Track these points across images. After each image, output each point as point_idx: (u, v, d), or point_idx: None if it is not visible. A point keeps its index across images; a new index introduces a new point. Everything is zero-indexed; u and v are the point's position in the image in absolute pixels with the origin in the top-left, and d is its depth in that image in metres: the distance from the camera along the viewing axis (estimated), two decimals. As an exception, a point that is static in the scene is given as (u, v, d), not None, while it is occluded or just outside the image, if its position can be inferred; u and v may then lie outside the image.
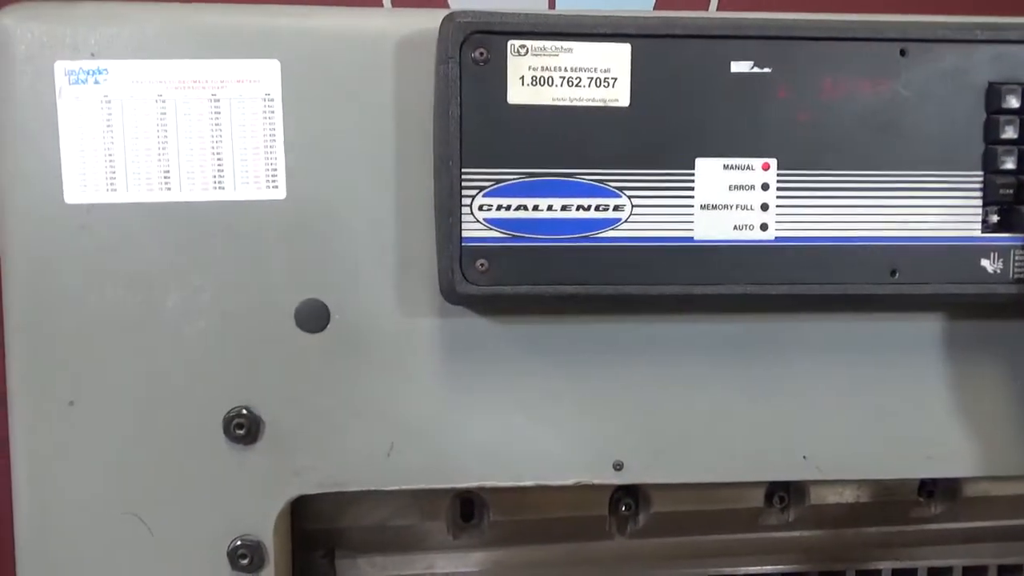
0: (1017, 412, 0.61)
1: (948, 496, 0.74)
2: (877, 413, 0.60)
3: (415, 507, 0.70)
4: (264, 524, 0.57)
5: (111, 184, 0.55)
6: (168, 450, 0.57)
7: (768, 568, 0.78)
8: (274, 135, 0.55)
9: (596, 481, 0.59)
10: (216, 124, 0.55)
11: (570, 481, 0.59)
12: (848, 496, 0.73)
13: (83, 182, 0.54)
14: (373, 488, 0.58)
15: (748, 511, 0.73)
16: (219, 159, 0.55)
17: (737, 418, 0.59)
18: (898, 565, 0.78)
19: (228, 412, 0.56)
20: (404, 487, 0.58)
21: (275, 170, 0.55)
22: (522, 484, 0.59)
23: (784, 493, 0.74)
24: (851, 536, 0.77)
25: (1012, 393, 0.61)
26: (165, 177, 0.55)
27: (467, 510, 0.72)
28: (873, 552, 0.77)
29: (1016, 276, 0.56)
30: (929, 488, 0.74)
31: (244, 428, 0.56)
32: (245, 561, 0.57)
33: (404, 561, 0.74)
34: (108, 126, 0.54)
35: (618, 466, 0.59)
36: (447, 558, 0.74)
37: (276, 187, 0.55)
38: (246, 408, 0.56)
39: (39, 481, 0.57)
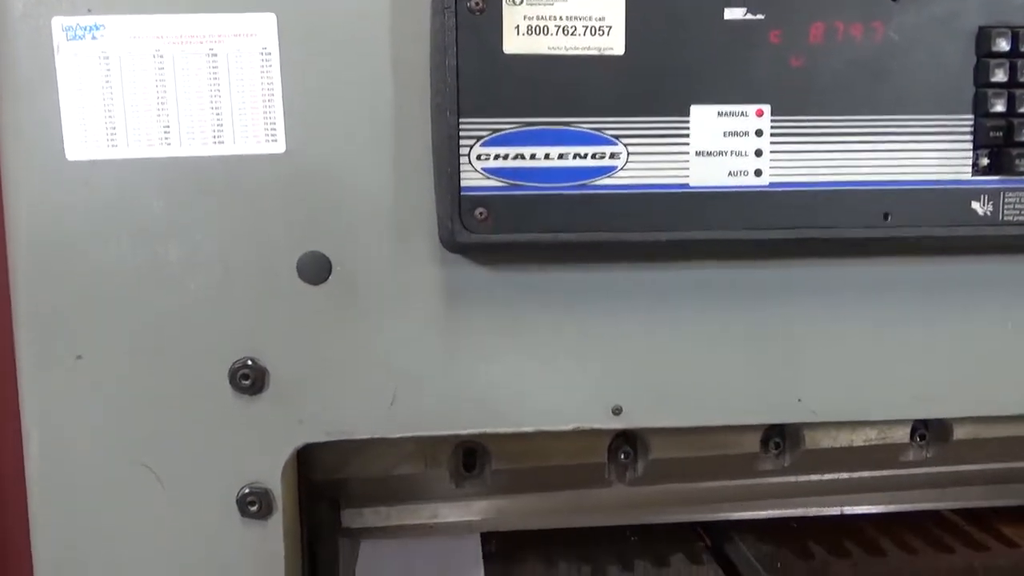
0: (1008, 353, 0.62)
1: (940, 439, 0.76)
2: (871, 356, 0.61)
3: (418, 457, 0.71)
4: (272, 472, 0.59)
5: (112, 140, 0.55)
6: (175, 401, 0.58)
7: (763, 513, 0.80)
8: (272, 89, 0.55)
9: (595, 426, 0.60)
10: (214, 79, 0.55)
11: (570, 426, 0.60)
12: (842, 440, 0.75)
13: (84, 138, 0.55)
14: (377, 436, 0.59)
15: (744, 457, 0.75)
16: (218, 114, 0.55)
17: (733, 362, 0.60)
18: (890, 509, 0.80)
19: (234, 363, 0.57)
20: (407, 434, 0.60)
21: (274, 124, 0.56)
22: (522, 430, 0.60)
23: (779, 439, 0.75)
24: (845, 480, 0.79)
25: (1003, 334, 0.62)
26: (165, 132, 0.55)
27: (469, 460, 0.74)
28: (866, 496, 0.79)
29: (1006, 218, 0.57)
30: (921, 432, 0.76)
31: (250, 379, 0.57)
32: (254, 508, 0.59)
33: (407, 510, 0.75)
34: (107, 82, 0.55)
35: (617, 411, 0.60)
36: (450, 507, 0.76)
37: (275, 141, 0.56)
38: (251, 359, 0.57)
39: (49, 434, 0.58)
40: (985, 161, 0.56)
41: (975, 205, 0.57)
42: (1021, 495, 0.82)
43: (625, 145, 0.54)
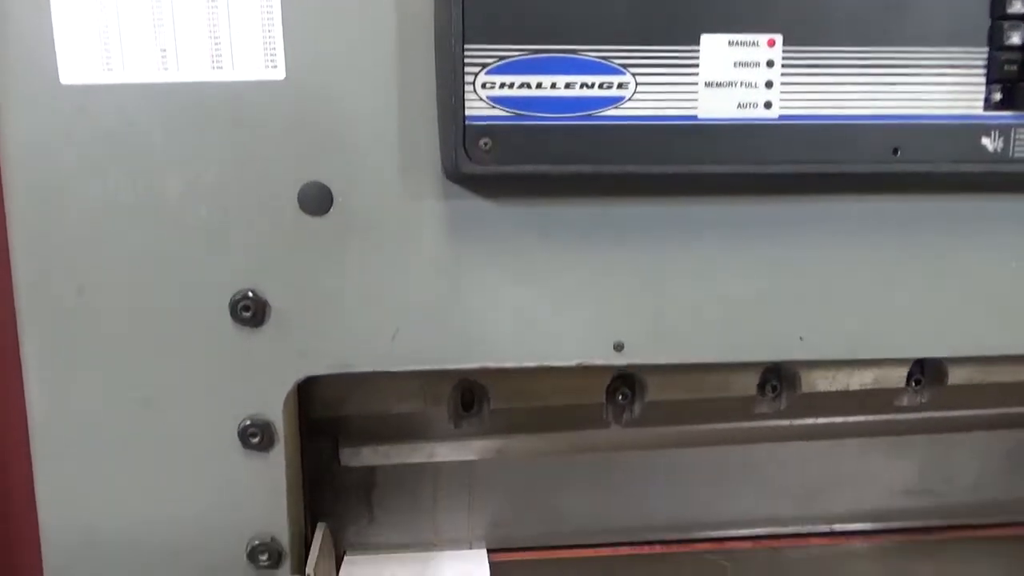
0: (1013, 292, 0.62)
1: (935, 383, 0.76)
2: (875, 294, 0.61)
3: (417, 396, 0.71)
4: (273, 404, 0.59)
5: (107, 64, 0.54)
6: (176, 334, 0.57)
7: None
8: (271, 13, 0.54)
9: (597, 362, 0.60)
10: (212, 1, 0.54)
11: (572, 362, 0.60)
12: (838, 384, 0.75)
13: (78, 62, 0.53)
14: (378, 370, 0.59)
15: (741, 400, 0.75)
16: (216, 38, 0.54)
17: (736, 299, 0.60)
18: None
19: (234, 295, 0.57)
20: (409, 368, 0.59)
21: (274, 49, 0.54)
22: (524, 365, 0.60)
23: (776, 382, 0.75)
24: (840, 424, 0.79)
25: (1009, 273, 0.62)
26: (162, 56, 0.54)
27: (467, 399, 0.74)
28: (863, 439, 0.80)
29: (1016, 155, 0.56)
30: (917, 376, 0.76)
31: (250, 311, 0.57)
32: (256, 440, 0.59)
33: (406, 449, 0.76)
34: (101, 1, 0.53)
35: (619, 347, 0.60)
36: (448, 446, 0.76)
37: (275, 67, 0.54)
38: (252, 291, 0.57)
39: (50, 370, 0.57)
40: (998, 96, 0.55)
41: (985, 141, 0.56)
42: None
43: (633, 75, 0.53)
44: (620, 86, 0.53)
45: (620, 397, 0.74)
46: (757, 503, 0.80)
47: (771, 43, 0.54)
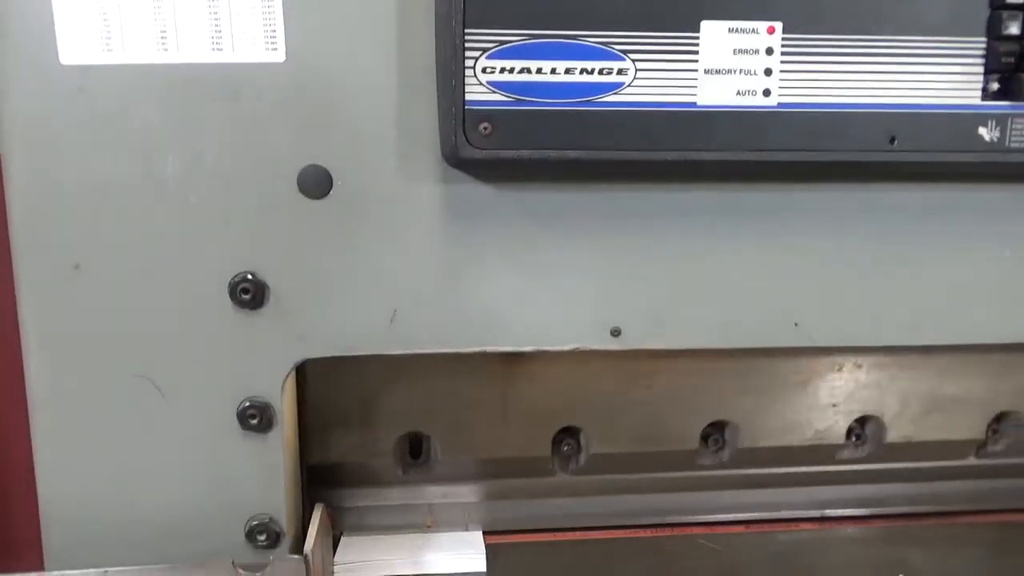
0: (1005, 281, 0.62)
1: (875, 440, 0.79)
2: (869, 281, 0.62)
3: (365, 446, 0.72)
4: (272, 386, 0.59)
5: (107, 44, 0.53)
6: (175, 314, 0.57)
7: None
8: (272, -5, 0.54)
9: (594, 346, 0.61)
10: (212, -18, 0.53)
11: (569, 347, 0.61)
12: (778, 440, 0.77)
13: (78, 41, 0.53)
14: (377, 352, 0.59)
15: (684, 452, 0.77)
16: (216, 19, 0.54)
17: (732, 286, 0.61)
18: (813, 514, 0.81)
19: (233, 277, 0.57)
20: (407, 351, 0.60)
21: (274, 32, 0.54)
22: (522, 349, 0.61)
23: (719, 435, 0.77)
24: (780, 475, 0.80)
25: (1001, 262, 0.62)
26: (162, 37, 0.54)
27: (415, 448, 0.75)
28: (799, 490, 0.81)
29: (1012, 144, 0.56)
30: (857, 432, 0.79)
31: (250, 293, 0.57)
32: (255, 421, 0.59)
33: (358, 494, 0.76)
34: (101, -17, 0.53)
35: (615, 332, 0.61)
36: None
37: (275, 49, 0.54)
38: (251, 273, 0.57)
39: (48, 346, 0.58)
40: (995, 86, 0.55)
41: (982, 131, 0.56)
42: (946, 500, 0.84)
43: (633, 61, 0.53)
44: (620, 72, 0.53)
45: (565, 448, 0.76)
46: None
47: (771, 30, 0.54)
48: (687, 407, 0.76)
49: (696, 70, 0.54)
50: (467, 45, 0.52)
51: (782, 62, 0.54)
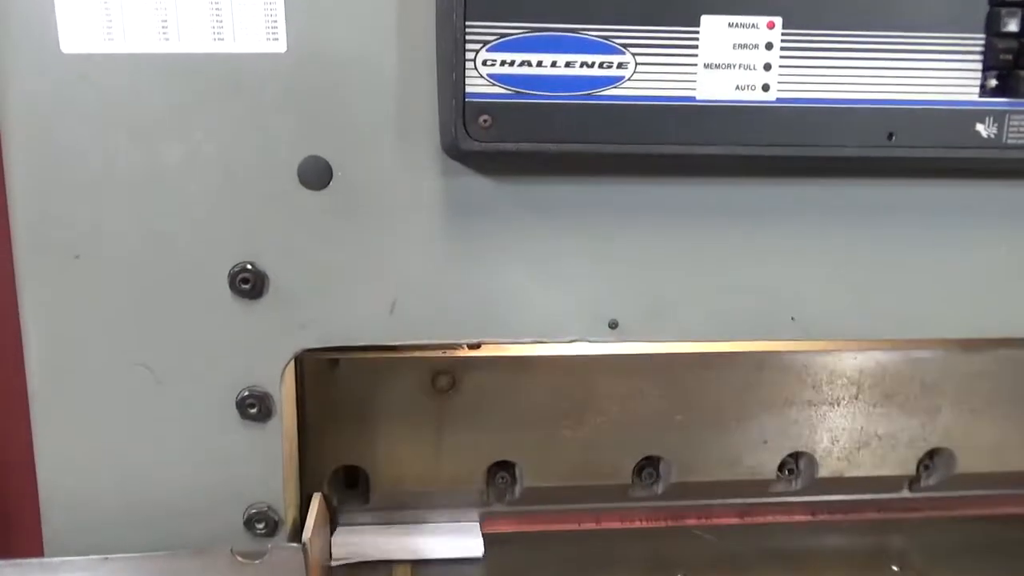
0: (1002, 277, 0.63)
1: (808, 475, 0.80)
2: (865, 277, 0.62)
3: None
4: (271, 376, 0.59)
5: (108, 34, 0.54)
6: (175, 303, 0.58)
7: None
8: (273, -15, 0.54)
9: (592, 339, 0.61)
10: (213, -28, 0.53)
11: (567, 339, 0.61)
12: (713, 475, 0.78)
13: (79, 30, 0.53)
14: (376, 343, 0.60)
15: (618, 487, 0.77)
16: (217, 9, 0.54)
17: (731, 279, 0.61)
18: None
19: (233, 267, 0.57)
20: (406, 342, 0.60)
21: (275, 22, 0.54)
22: (520, 341, 0.61)
23: (652, 469, 0.78)
24: (715, 506, 0.81)
25: (998, 259, 0.62)
26: (163, 26, 0.54)
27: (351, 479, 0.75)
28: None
29: (1010, 141, 0.57)
30: (790, 466, 0.80)
31: (249, 283, 0.57)
32: (253, 411, 0.59)
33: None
34: (102, -28, 0.53)
35: (613, 325, 0.61)
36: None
37: (277, 40, 0.54)
38: (251, 263, 0.57)
39: (48, 335, 0.58)
40: (993, 82, 0.55)
41: (979, 127, 0.56)
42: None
43: (633, 55, 0.53)
44: (620, 66, 0.54)
45: (500, 480, 0.76)
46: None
47: (771, 25, 0.54)
48: (621, 441, 0.76)
49: (696, 64, 0.54)
50: (468, 38, 0.52)
51: (781, 57, 0.54)
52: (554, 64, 0.53)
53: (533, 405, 0.74)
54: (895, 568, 0.74)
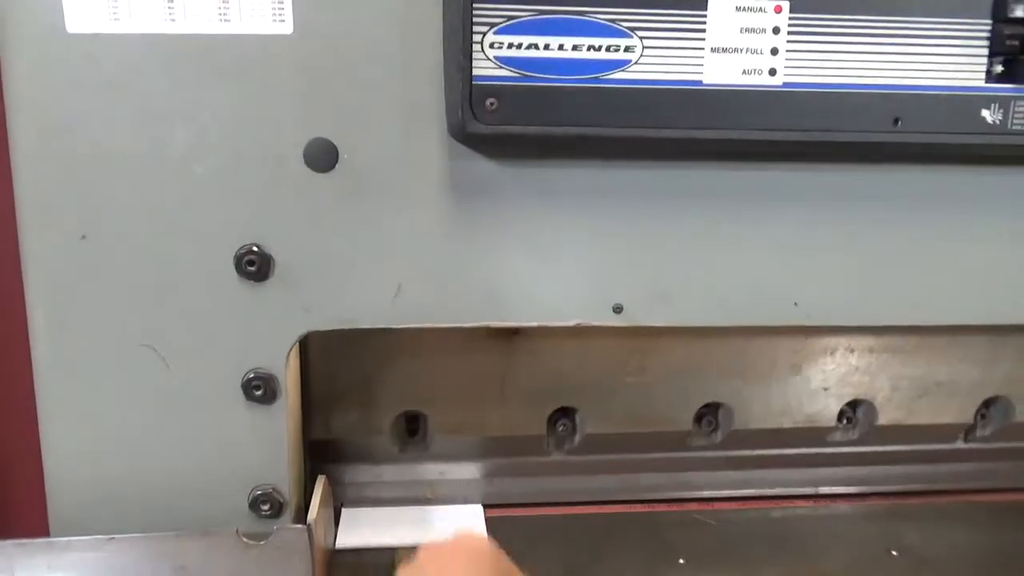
0: (1004, 263, 0.63)
1: (866, 423, 0.80)
2: (871, 262, 0.62)
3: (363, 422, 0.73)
4: (276, 358, 0.59)
5: (114, 13, 0.53)
6: (181, 285, 0.58)
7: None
8: (279, -34, 0.54)
9: (596, 323, 0.61)
10: (219, -47, 0.53)
11: (571, 323, 0.61)
12: (771, 423, 0.78)
13: (85, 10, 0.53)
14: (381, 326, 0.60)
15: (678, 434, 0.78)
16: (224, -10, 0.54)
17: (734, 264, 0.61)
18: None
19: (239, 249, 0.57)
20: (411, 325, 0.60)
21: (282, 4, 0.54)
22: (525, 324, 0.61)
23: (712, 417, 0.78)
24: (773, 456, 0.81)
25: (1001, 245, 0.63)
26: (169, 7, 0.53)
27: (412, 425, 0.75)
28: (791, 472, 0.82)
29: (1014, 127, 0.57)
30: (848, 415, 0.80)
31: (255, 265, 0.57)
32: (259, 392, 0.60)
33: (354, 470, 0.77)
34: (108, -48, 0.53)
35: (618, 309, 0.61)
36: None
37: (283, 21, 0.54)
38: (257, 245, 0.57)
39: (54, 316, 0.58)
40: (999, 68, 0.56)
41: (985, 113, 0.57)
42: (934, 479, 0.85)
43: (640, 38, 0.53)
44: (627, 49, 0.54)
45: (560, 428, 0.76)
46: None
47: (778, 9, 0.54)
48: (681, 389, 0.76)
49: (703, 48, 0.54)
50: (475, 20, 0.52)
51: (788, 41, 0.54)
52: (561, 47, 0.53)
53: (596, 352, 0.74)
54: (894, 553, 0.74)
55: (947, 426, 0.82)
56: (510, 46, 0.53)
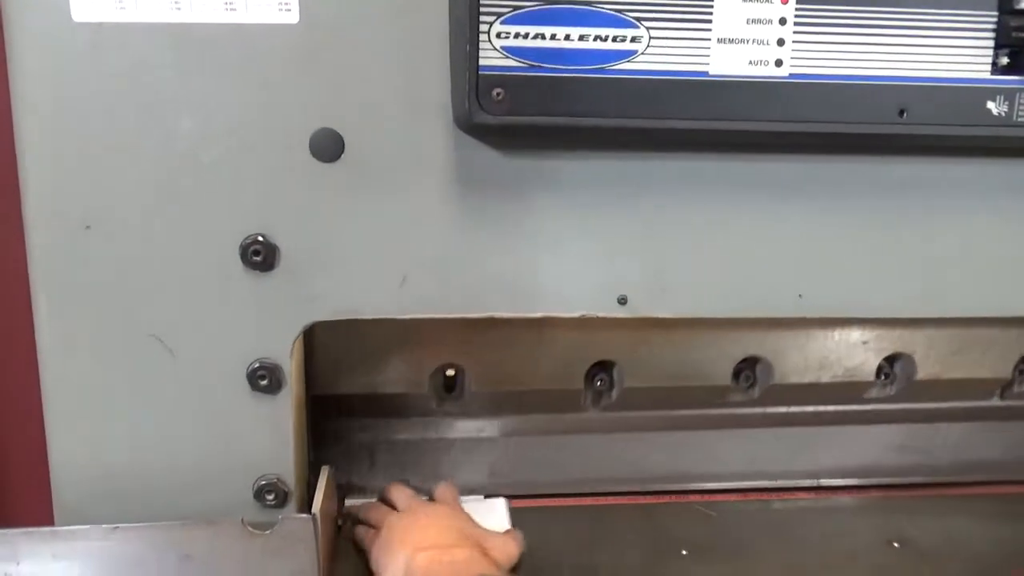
0: (1009, 256, 0.63)
1: (904, 378, 0.79)
2: (876, 253, 0.62)
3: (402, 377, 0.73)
4: (282, 348, 0.60)
5: (120, 2, 0.53)
6: (186, 275, 0.58)
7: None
8: (285, -44, 0.54)
9: (601, 314, 0.61)
10: (225, -58, 0.53)
11: (576, 314, 0.61)
12: (809, 376, 0.78)
13: (91, -1, 0.53)
14: (386, 316, 0.60)
15: (715, 388, 0.78)
16: (230, -21, 0.54)
17: (740, 255, 0.61)
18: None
19: (245, 239, 0.57)
20: (416, 316, 0.60)
21: (288, -7, 0.54)
22: (530, 315, 0.61)
23: (750, 372, 0.78)
24: (810, 413, 0.82)
25: (1005, 237, 0.63)
26: (175, -4, 0.53)
27: (450, 382, 0.75)
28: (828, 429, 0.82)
29: (1019, 119, 0.57)
30: (886, 371, 0.80)
31: (261, 255, 0.57)
32: (264, 382, 0.60)
33: (389, 425, 0.77)
34: (113, -60, 0.52)
35: (623, 300, 0.61)
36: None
37: (289, 11, 0.54)
38: (262, 235, 0.57)
39: (59, 305, 0.58)
40: (1005, 60, 0.56)
41: (990, 105, 0.57)
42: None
43: (647, 28, 0.53)
44: (633, 40, 0.54)
45: (598, 383, 0.76)
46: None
47: (784, 0, 0.54)
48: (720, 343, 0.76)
49: (709, 39, 0.54)
50: (482, 10, 0.52)
51: (795, 32, 0.54)
52: (568, 37, 0.53)
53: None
54: (895, 545, 0.74)
55: (985, 381, 0.81)
56: (517, 36, 0.53)
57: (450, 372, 0.75)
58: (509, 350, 0.73)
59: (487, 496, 0.77)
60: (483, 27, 0.52)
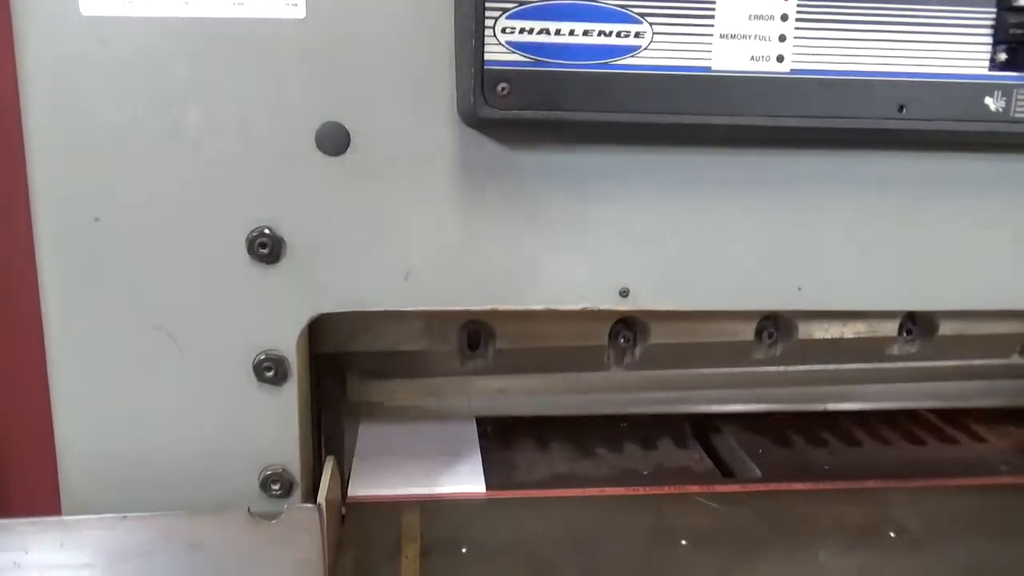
0: (1005, 250, 0.64)
1: (926, 335, 0.79)
2: (875, 248, 0.63)
3: (424, 335, 0.73)
4: (287, 340, 0.60)
5: (128, -4, 0.54)
6: (193, 267, 0.58)
7: (748, 407, 0.84)
8: (292, -49, 0.54)
9: (603, 307, 0.62)
10: (233, -63, 0.54)
11: (578, 306, 0.62)
12: (832, 332, 0.78)
13: (99, -7, 0.53)
14: (390, 308, 0.61)
15: (738, 345, 0.78)
16: (237, -27, 0.54)
17: (739, 249, 0.62)
18: (870, 406, 0.84)
19: (251, 232, 0.58)
20: (420, 308, 0.61)
21: (294, -13, 0.55)
22: (532, 308, 0.62)
23: (773, 329, 0.78)
24: (831, 372, 0.82)
25: (1002, 232, 0.64)
26: (183, -10, 0.54)
27: (474, 339, 0.76)
28: (849, 390, 0.83)
29: (1016, 115, 0.58)
30: (908, 327, 0.80)
31: (267, 247, 0.58)
32: (270, 374, 0.60)
33: (411, 385, 0.78)
34: (122, -66, 0.53)
35: (624, 293, 0.62)
36: (452, 383, 0.78)
37: (295, 5, 0.55)
38: (269, 228, 0.58)
39: (67, 297, 0.59)
40: (1003, 56, 0.56)
41: (988, 100, 0.57)
42: (995, 394, 0.86)
43: (650, 24, 0.54)
44: (637, 35, 0.54)
45: (622, 340, 0.76)
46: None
47: (786, -4, 0.55)
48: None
49: (711, 35, 0.55)
50: (487, 5, 0.53)
51: (796, 28, 0.55)
52: (572, 32, 0.54)
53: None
54: (892, 535, 0.75)
55: (1006, 337, 0.81)
56: (522, 31, 0.53)
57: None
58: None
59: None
60: (488, 22, 0.53)
